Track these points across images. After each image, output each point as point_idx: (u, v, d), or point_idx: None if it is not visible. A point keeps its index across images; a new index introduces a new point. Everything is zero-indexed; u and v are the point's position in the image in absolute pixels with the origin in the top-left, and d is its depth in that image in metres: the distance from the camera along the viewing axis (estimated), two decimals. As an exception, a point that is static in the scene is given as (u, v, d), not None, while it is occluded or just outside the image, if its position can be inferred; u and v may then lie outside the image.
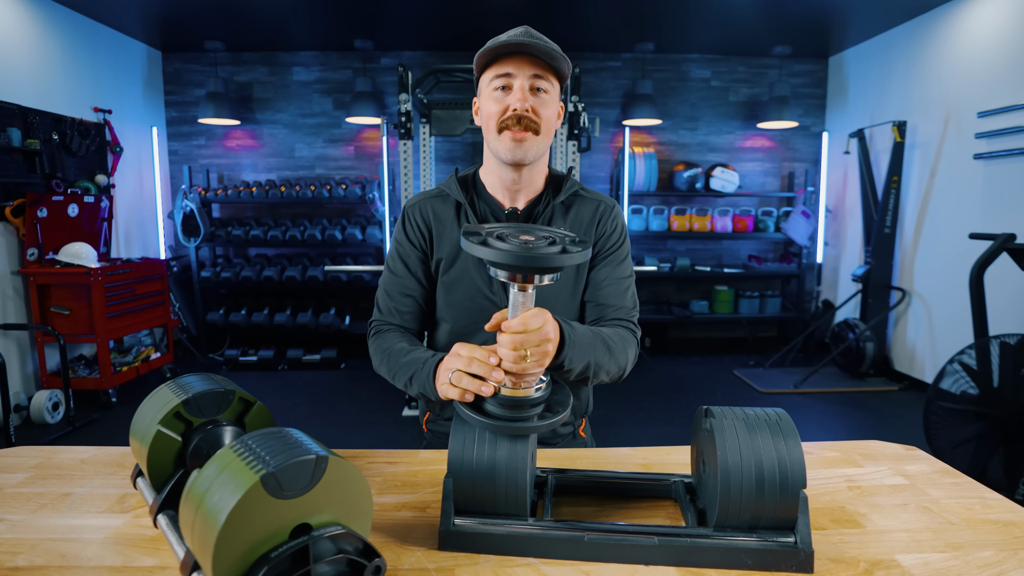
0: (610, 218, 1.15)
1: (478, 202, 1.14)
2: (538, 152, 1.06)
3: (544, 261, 0.70)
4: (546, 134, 1.06)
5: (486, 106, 1.06)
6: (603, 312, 1.12)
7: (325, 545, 0.61)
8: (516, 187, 1.11)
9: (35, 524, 0.81)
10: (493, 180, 1.13)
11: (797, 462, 0.72)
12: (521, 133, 1.02)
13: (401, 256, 1.15)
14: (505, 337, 0.77)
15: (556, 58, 1.00)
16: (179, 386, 0.84)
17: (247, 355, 4.77)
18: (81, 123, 4.04)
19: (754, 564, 0.71)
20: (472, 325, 1.12)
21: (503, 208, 1.13)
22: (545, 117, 1.04)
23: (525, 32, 1.02)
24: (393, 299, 1.15)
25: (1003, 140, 3.54)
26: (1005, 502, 0.89)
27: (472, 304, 1.11)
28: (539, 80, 1.03)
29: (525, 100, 1.01)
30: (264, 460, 0.59)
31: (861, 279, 4.55)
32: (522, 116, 1.02)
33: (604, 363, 0.99)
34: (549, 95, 1.04)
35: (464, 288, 1.12)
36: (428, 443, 1.27)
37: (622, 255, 1.15)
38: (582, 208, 1.15)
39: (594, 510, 0.86)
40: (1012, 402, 2.41)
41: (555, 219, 1.12)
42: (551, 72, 1.04)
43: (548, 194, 1.14)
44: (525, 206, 1.13)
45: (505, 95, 1.03)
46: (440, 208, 1.14)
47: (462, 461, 0.76)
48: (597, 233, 1.14)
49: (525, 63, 1.01)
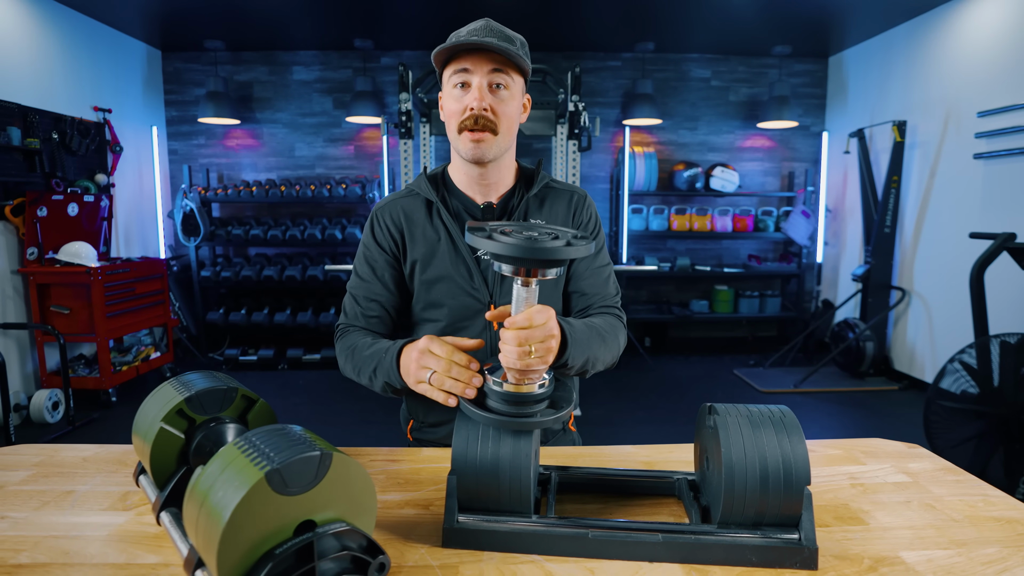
0: (584, 208, 1.17)
1: (450, 199, 1.14)
2: (499, 150, 1.06)
3: (550, 254, 0.70)
4: (506, 132, 1.05)
5: (447, 104, 1.06)
6: (589, 301, 1.13)
7: (329, 542, 0.61)
8: (485, 182, 1.11)
9: (37, 521, 0.81)
10: (462, 177, 1.13)
11: (801, 459, 0.72)
12: (479, 134, 1.02)
13: (368, 260, 1.14)
14: (509, 333, 0.76)
15: (513, 55, 0.99)
16: (182, 383, 0.83)
17: (247, 355, 4.77)
18: (81, 122, 4.04)
19: (758, 561, 0.71)
20: (456, 323, 1.11)
21: (476, 204, 1.13)
22: (504, 114, 1.03)
23: (485, 26, 1.02)
24: (359, 304, 1.13)
25: (1003, 140, 3.54)
26: (1008, 499, 0.89)
27: (455, 302, 1.11)
28: (498, 75, 1.01)
29: (483, 99, 1.00)
30: (268, 457, 0.58)
31: (861, 279, 4.55)
32: (479, 116, 1.01)
33: (600, 355, 1.00)
34: (509, 91, 1.03)
35: (445, 287, 1.11)
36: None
37: (599, 244, 1.17)
38: (556, 200, 1.15)
39: (598, 507, 0.86)
40: (1012, 401, 2.42)
41: (530, 212, 1.13)
42: (511, 66, 1.02)
43: (520, 188, 1.15)
44: (499, 200, 1.13)
45: (464, 93, 1.02)
46: (411, 208, 1.13)
47: (466, 458, 0.76)
48: (574, 224, 1.16)
49: (483, 59, 1.01)
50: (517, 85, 1.05)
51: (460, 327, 1.11)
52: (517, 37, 1.05)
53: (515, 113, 1.06)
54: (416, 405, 1.20)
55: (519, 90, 1.06)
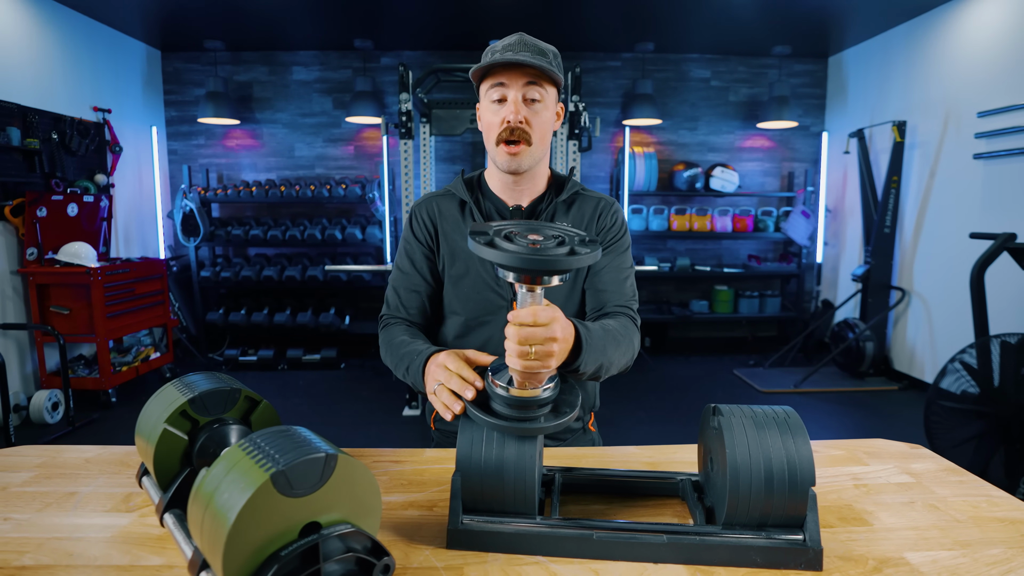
0: (610, 213, 1.20)
1: (483, 201, 1.19)
2: (533, 160, 1.10)
3: (552, 264, 0.69)
4: (540, 141, 1.10)
5: (484, 116, 1.11)
6: (604, 299, 1.15)
7: (334, 543, 0.61)
8: (518, 187, 1.16)
9: (40, 523, 0.80)
10: (496, 182, 1.18)
11: (806, 460, 0.72)
12: (515, 147, 1.07)
13: (408, 254, 1.20)
14: (511, 329, 0.76)
15: (547, 70, 1.03)
16: (185, 384, 0.83)
17: (247, 355, 4.76)
18: (80, 122, 4.03)
19: (763, 562, 0.71)
20: (481, 317, 1.16)
21: (507, 206, 1.17)
22: (538, 125, 1.08)
23: (519, 41, 1.06)
24: (400, 296, 1.20)
25: (1003, 140, 3.54)
26: (1011, 500, 0.89)
27: (479, 296, 1.15)
28: (533, 88, 1.06)
29: (518, 113, 1.05)
30: (273, 458, 0.58)
31: (861, 279, 4.55)
32: (515, 128, 1.06)
33: (615, 359, 1.01)
34: (543, 102, 1.08)
35: (470, 282, 1.15)
36: (437, 442, 1.29)
37: (623, 247, 1.19)
38: (583, 205, 1.19)
39: (602, 508, 0.86)
40: (1013, 401, 2.42)
41: (557, 215, 1.17)
42: (545, 79, 1.07)
43: (551, 193, 1.19)
44: (529, 204, 1.17)
45: (500, 107, 1.08)
46: (445, 206, 1.19)
47: (470, 459, 0.76)
48: (598, 227, 1.19)
49: (518, 73, 1.05)
50: (551, 96, 1.09)
51: (483, 322, 1.16)
52: (550, 49, 1.09)
53: (549, 123, 1.11)
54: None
55: (552, 101, 1.10)
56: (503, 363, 0.81)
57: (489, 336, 1.15)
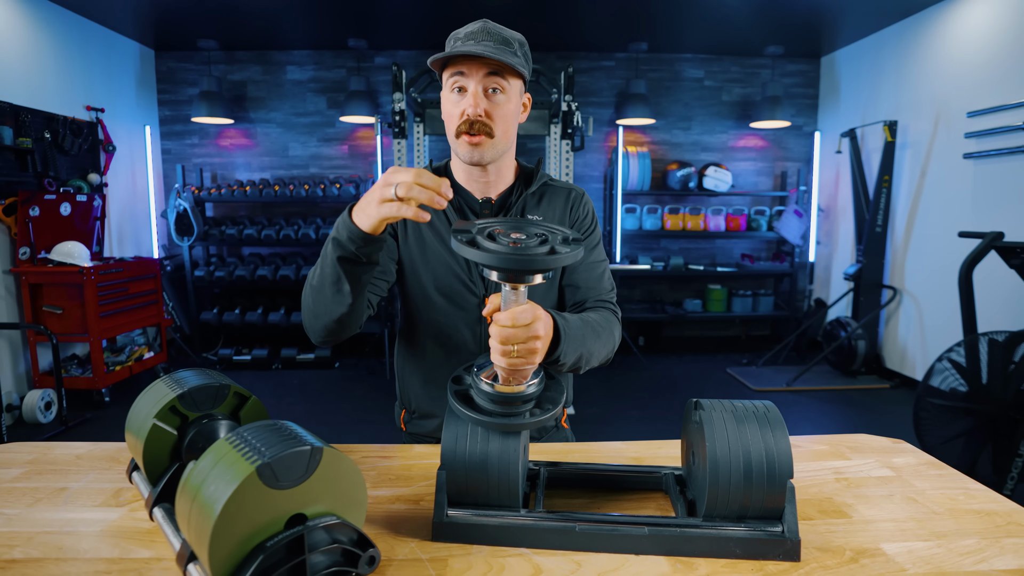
0: (581, 205, 1.19)
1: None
2: (495, 153, 1.07)
3: (534, 264, 0.70)
4: (503, 134, 1.06)
5: (445, 107, 1.07)
6: (584, 295, 1.14)
7: (320, 535, 0.62)
8: (484, 179, 1.13)
9: (31, 518, 0.81)
10: (462, 173, 1.15)
11: (784, 453, 0.73)
12: (475, 138, 1.03)
13: None
14: (494, 329, 0.77)
15: (508, 63, 1.00)
16: (174, 380, 0.84)
17: (241, 354, 4.76)
18: (74, 122, 4.02)
19: (742, 553, 0.73)
20: (451, 312, 1.13)
21: (476, 198, 1.15)
22: (500, 117, 1.04)
23: (482, 29, 1.03)
24: None
25: (992, 140, 3.57)
26: (988, 492, 0.90)
27: (451, 290, 1.12)
28: (494, 79, 1.02)
29: (478, 105, 1.01)
30: (259, 451, 0.59)
31: (853, 278, 4.58)
32: (475, 121, 1.02)
33: (595, 351, 1.00)
34: (505, 94, 1.04)
35: (441, 276, 1.12)
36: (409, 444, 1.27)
37: (595, 240, 1.18)
38: (554, 197, 1.17)
39: (586, 502, 0.87)
40: (1000, 398, 2.44)
41: (528, 208, 1.15)
42: (507, 69, 1.02)
43: (519, 185, 1.17)
44: (498, 197, 1.15)
45: (461, 97, 1.04)
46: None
47: (455, 454, 0.77)
48: (571, 220, 1.18)
49: (479, 63, 1.01)
50: (514, 88, 1.05)
51: (455, 316, 1.13)
52: (516, 37, 1.05)
53: (512, 115, 1.07)
54: (407, 392, 1.21)
55: (516, 92, 1.06)
56: (488, 360, 0.82)
57: (464, 329, 1.13)
